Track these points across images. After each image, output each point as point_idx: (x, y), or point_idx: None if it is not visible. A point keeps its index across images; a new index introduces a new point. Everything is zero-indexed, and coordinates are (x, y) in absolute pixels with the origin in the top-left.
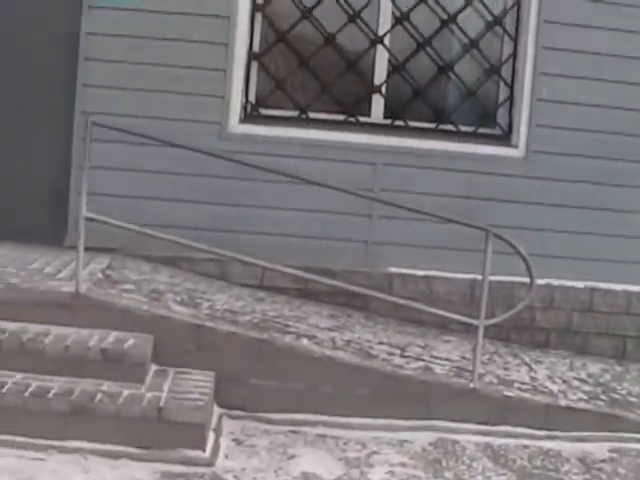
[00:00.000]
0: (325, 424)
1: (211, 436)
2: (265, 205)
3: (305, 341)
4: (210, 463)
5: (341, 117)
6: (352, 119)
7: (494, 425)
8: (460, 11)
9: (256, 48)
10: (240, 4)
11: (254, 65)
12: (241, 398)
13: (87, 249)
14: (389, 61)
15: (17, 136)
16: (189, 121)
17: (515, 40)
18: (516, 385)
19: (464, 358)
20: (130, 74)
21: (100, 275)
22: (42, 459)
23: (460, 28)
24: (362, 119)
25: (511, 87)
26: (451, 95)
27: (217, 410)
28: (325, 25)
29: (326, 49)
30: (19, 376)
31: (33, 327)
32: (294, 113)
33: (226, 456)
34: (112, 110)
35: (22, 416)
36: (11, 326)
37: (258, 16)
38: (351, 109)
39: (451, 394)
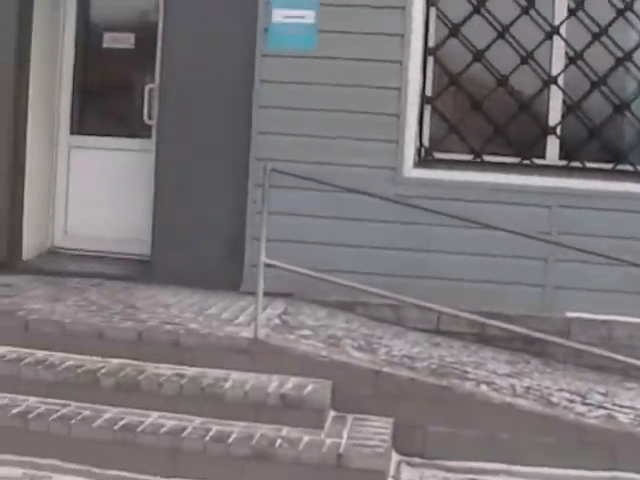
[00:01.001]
0: (505, 473)
1: None
2: (440, 249)
3: (484, 388)
4: None
5: (516, 160)
6: (527, 161)
7: None
8: (636, 48)
9: (429, 92)
10: (412, 48)
11: (427, 109)
12: (419, 445)
13: (263, 294)
14: (563, 101)
15: (195, 183)
16: (363, 166)
17: None
18: None
19: None
20: (303, 120)
21: (277, 321)
22: None
23: (636, 65)
24: (537, 161)
25: None
26: (628, 134)
27: (395, 457)
28: (497, 67)
29: (499, 91)
30: (199, 420)
31: (212, 372)
32: (468, 156)
33: None
34: (286, 156)
35: (202, 460)
36: (191, 371)
37: (430, 60)
38: (526, 151)
39: (637, 444)
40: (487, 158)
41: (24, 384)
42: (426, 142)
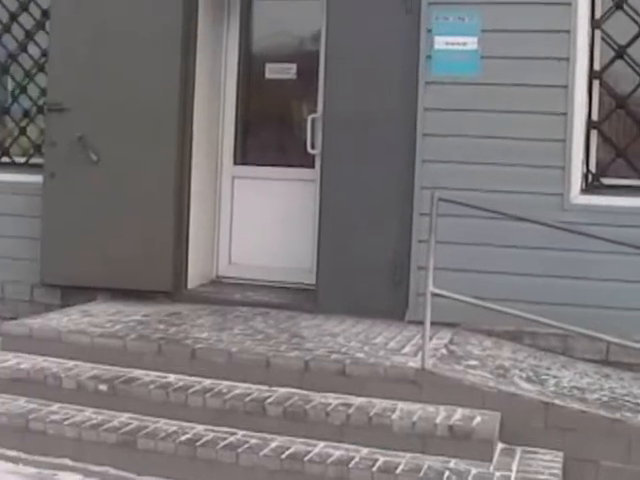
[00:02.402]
0: None
1: None
2: (609, 278)
3: None
4: None
5: None
6: None
7: None
8: None
9: (595, 116)
10: (577, 72)
11: (593, 133)
12: None
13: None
14: None
15: (359, 211)
16: (528, 193)
17: None
18: None
19: None
20: (467, 148)
21: (444, 350)
22: None
23: None
24: None
25: None
26: None
27: None
28: None
29: None
30: (365, 450)
31: (379, 402)
32: (637, 182)
33: None
34: (450, 184)
35: None
36: (357, 401)
37: (595, 83)
38: None
39: None
40: None
41: (191, 412)
42: (593, 168)
